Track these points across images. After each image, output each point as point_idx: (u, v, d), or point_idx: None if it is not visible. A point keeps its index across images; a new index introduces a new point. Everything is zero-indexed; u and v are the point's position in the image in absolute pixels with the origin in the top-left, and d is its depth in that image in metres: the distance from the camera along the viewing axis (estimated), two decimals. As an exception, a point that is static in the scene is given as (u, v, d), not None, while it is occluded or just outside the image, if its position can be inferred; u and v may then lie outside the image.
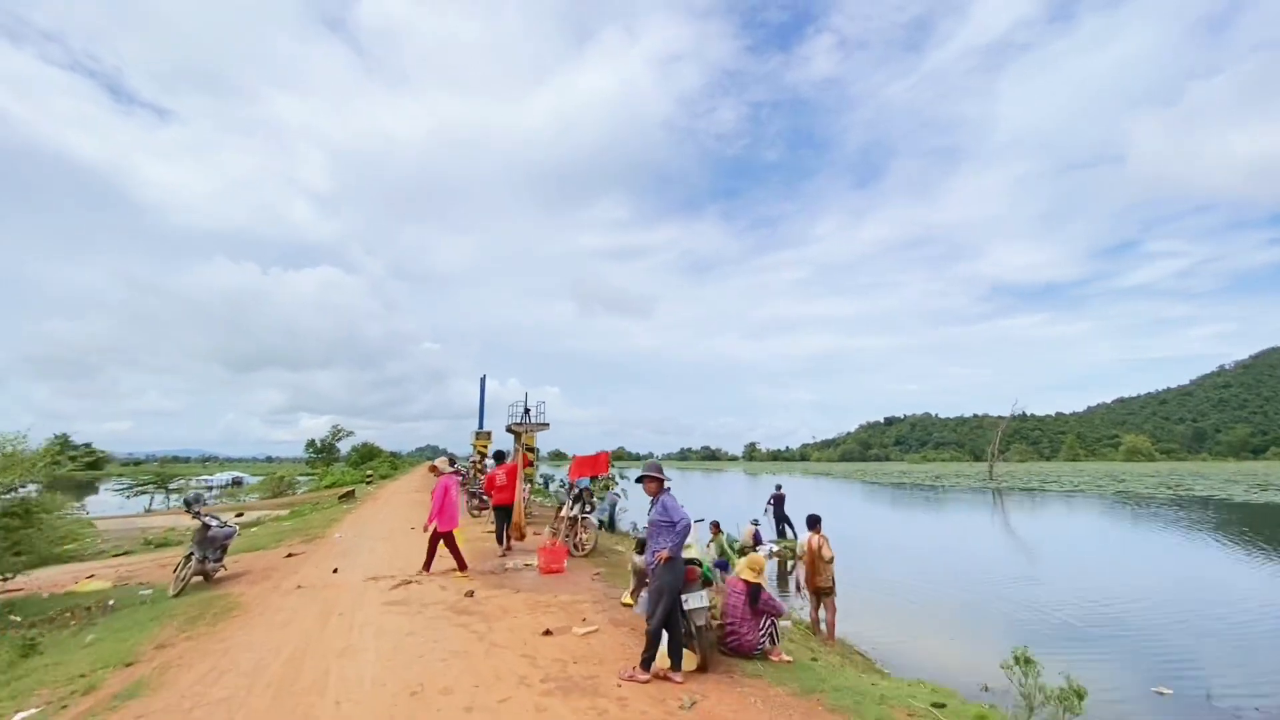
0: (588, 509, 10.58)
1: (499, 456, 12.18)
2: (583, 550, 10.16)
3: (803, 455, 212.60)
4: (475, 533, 13.45)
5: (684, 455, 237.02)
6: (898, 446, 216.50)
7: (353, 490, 24.71)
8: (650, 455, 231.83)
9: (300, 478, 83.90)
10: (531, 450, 25.41)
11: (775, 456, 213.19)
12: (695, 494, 42.86)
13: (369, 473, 38.89)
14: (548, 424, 24.93)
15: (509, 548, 10.77)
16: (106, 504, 42.25)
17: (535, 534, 12.42)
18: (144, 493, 42.01)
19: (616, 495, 18.38)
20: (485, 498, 16.14)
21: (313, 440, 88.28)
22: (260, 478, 65.58)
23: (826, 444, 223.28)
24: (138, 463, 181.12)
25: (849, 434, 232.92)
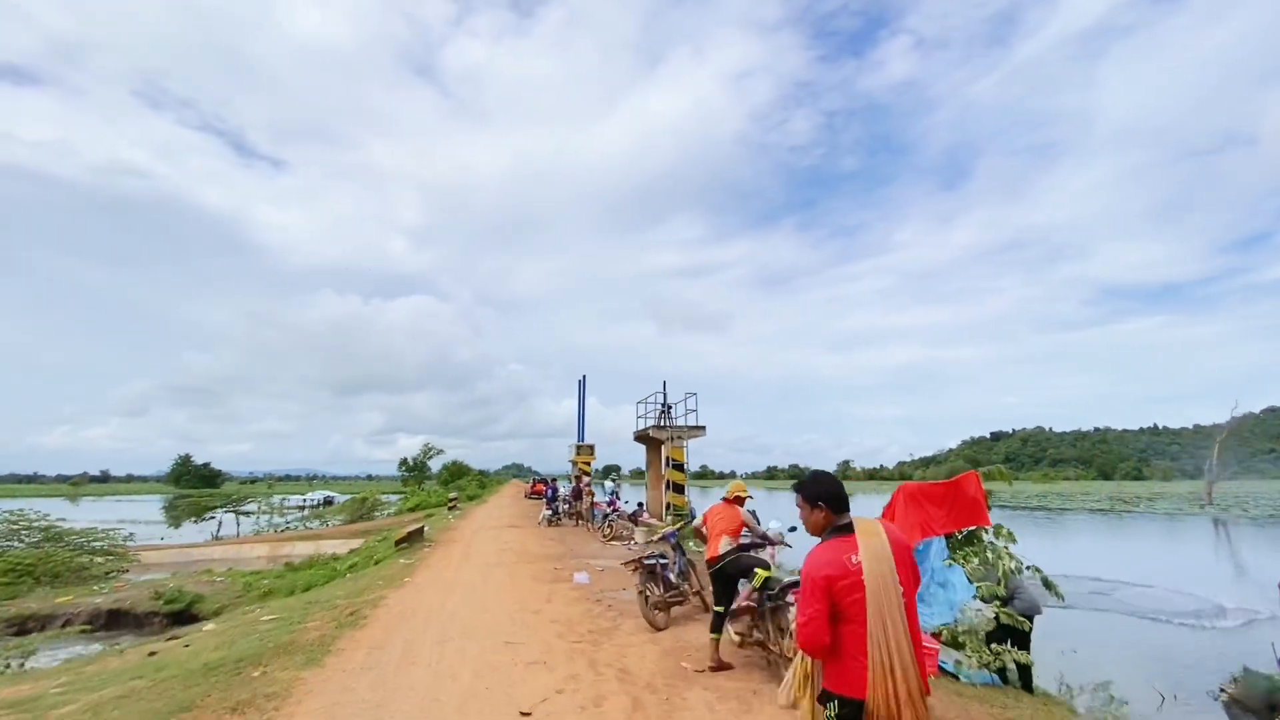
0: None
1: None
2: None
3: (902, 474, 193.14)
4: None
5: (771, 474, 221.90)
6: (1008, 464, 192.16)
7: (421, 528, 16.41)
8: (734, 474, 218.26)
9: (392, 496, 79.82)
10: (680, 469, 16.27)
11: (871, 475, 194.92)
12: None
13: (452, 496, 31.24)
14: (703, 427, 16.00)
15: None
16: (180, 529, 37.05)
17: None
18: (211, 516, 36.31)
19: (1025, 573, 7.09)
20: (675, 579, 7.05)
21: (405, 459, 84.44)
22: (350, 496, 60.69)
23: (926, 461, 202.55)
24: (253, 481, 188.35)
25: (950, 450, 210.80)
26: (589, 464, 30.01)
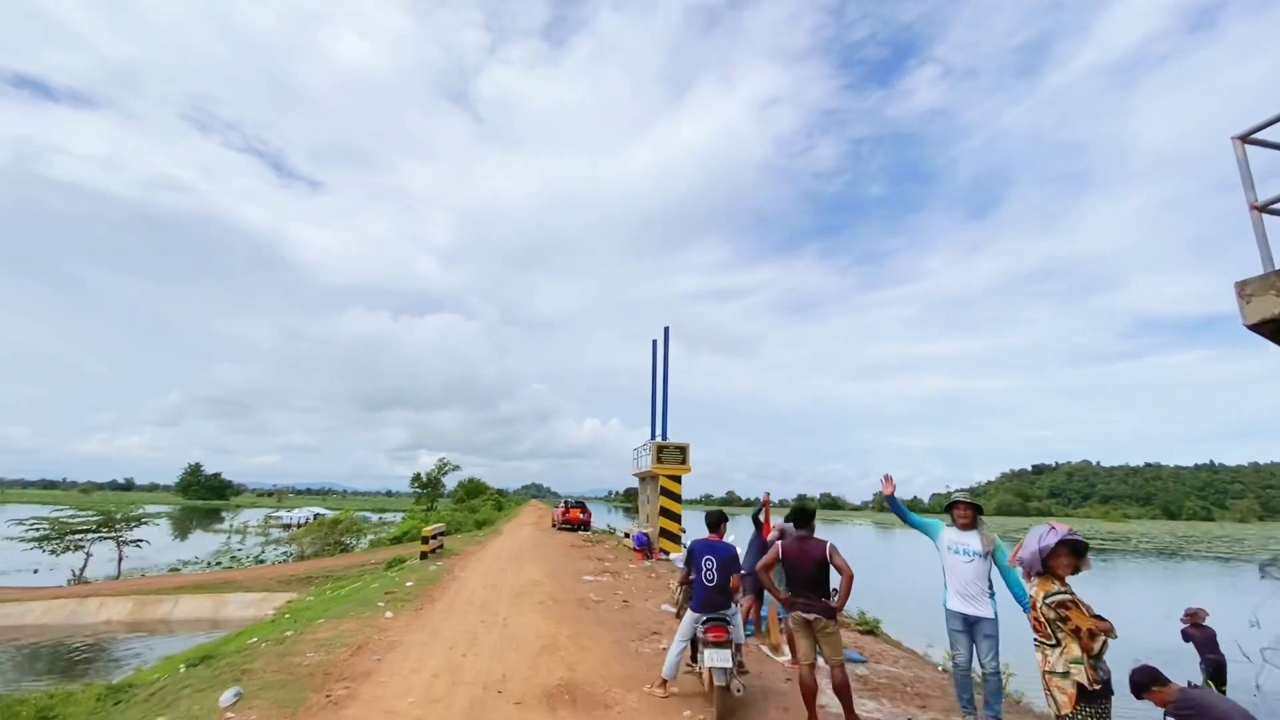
0: None
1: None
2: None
3: (942, 506, 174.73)
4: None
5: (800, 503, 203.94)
6: (1054, 499, 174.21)
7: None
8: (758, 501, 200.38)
9: (397, 515, 66.16)
10: None
11: (908, 508, 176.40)
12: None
13: (435, 530, 17.39)
14: None
15: None
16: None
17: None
18: (76, 543, 22.68)
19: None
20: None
21: (418, 475, 71.61)
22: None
23: (968, 494, 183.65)
24: (269, 494, 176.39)
25: (989, 483, 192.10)
26: (679, 481, 16.20)
